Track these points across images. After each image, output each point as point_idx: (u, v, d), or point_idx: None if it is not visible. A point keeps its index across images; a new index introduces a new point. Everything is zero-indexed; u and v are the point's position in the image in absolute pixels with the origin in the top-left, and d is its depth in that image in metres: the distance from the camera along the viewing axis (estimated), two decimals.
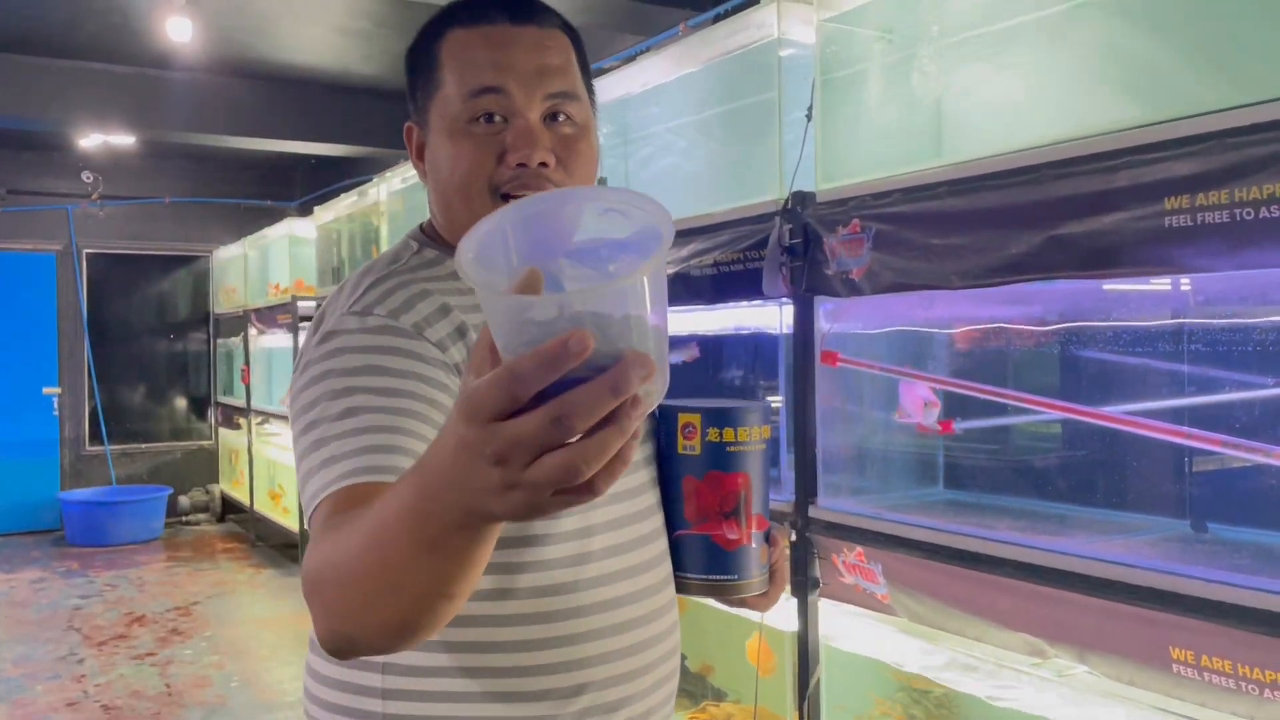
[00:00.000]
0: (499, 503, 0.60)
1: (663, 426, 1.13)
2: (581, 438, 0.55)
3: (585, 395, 0.53)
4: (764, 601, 1.16)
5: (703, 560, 1.10)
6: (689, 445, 1.09)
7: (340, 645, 0.77)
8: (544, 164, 1.03)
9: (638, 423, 0.56)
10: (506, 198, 1.02)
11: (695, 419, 1.09)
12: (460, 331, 1.01)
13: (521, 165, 1.02)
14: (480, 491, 0.60)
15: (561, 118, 1.06)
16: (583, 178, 1.07)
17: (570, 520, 1.03)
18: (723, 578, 1.10)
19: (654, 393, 0.56)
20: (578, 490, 0.57)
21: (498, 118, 1.03)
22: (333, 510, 0.84)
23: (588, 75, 1.12)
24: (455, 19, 1.07)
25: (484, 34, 1.05)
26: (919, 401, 2.25)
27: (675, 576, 1.12)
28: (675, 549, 1.12)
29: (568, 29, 1.10)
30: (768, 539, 1.11)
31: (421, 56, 1.09)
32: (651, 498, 1.13)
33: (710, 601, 1.21)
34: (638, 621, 1.07)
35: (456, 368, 0.98)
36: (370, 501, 0.75)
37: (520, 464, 0.56)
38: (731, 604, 1.19)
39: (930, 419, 2.24)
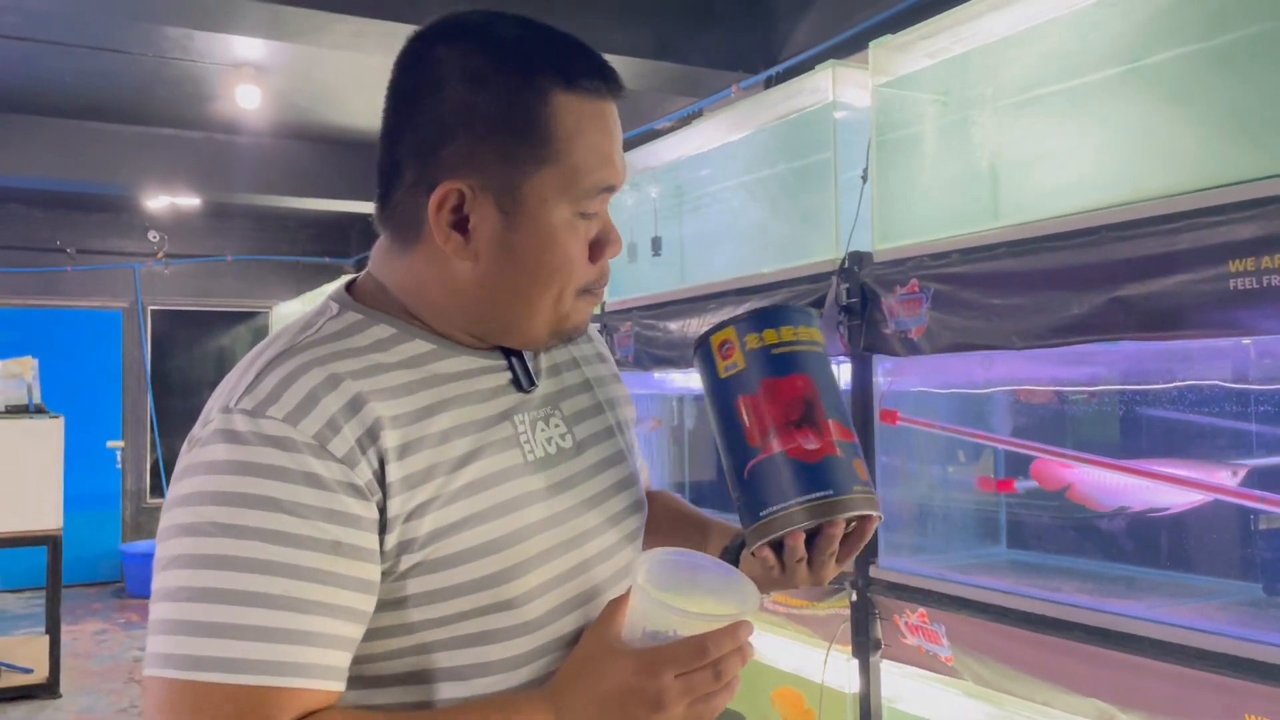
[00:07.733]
0: None
1: (698, 362, 0.97)
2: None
3: (734, 657, 0.82)
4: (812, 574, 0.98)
5: (786, 483, 0.90)
6: (730, 365, 0.93)
7: None
8: None
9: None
10: (582, 294, 0.92)
11: (729, 332, 0.93)
12: (371, 435, 0.82)
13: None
14: None
15: None
16: None
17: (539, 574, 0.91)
18: (816, 495, 0.89)
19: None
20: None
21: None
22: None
23: None
24: (563, 77, 0.86)
25: (601, 113, 0.88)
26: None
27: (761, 521, 0.91)
28: (751, 489, 0.92)
29: None
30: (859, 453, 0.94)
31: (514, 112, 0.85)
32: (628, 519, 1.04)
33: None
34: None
35: (364, 488, 0.81)
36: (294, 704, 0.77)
37: (678, 708, 0.80)
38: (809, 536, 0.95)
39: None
